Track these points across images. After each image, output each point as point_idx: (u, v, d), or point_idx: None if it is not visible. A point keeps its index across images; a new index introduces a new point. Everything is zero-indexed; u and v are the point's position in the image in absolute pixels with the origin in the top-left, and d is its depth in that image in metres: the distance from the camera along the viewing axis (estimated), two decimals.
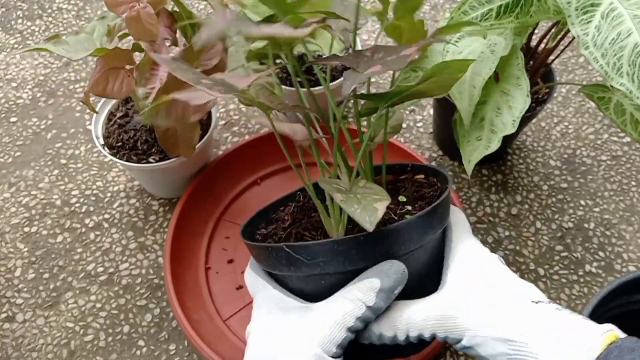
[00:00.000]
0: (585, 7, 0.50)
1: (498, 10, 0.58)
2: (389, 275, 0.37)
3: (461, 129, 0.64)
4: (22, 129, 0.91)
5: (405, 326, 0.39)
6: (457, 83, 0.62)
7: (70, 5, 1.12)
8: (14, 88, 0.97)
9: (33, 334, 0.69)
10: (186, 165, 0.74)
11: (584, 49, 0.50)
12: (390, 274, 0.37)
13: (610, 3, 0.50)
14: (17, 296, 0.72)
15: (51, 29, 1.08)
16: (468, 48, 0.64)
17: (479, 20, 0.58)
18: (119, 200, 0.81)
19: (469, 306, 0.37)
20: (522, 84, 0.62)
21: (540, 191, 0.81)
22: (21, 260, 0.75)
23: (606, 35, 0.49)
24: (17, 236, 0.78)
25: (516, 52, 0.64)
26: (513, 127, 0.61)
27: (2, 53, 1.03)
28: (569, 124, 0.90)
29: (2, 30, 1.08)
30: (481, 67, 0.61)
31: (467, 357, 0.66)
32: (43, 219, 0.79)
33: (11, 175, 0.85)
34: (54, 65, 1.00)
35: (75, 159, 0.87)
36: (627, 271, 0.74)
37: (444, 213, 0.46)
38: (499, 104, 0.63)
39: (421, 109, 0.93)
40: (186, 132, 0.69)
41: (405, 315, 0.39)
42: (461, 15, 0.58)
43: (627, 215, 0.79)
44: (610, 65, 0.49)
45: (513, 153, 0.86)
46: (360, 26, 0.46)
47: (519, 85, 0.62)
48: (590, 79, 0.97)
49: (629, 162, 0.85)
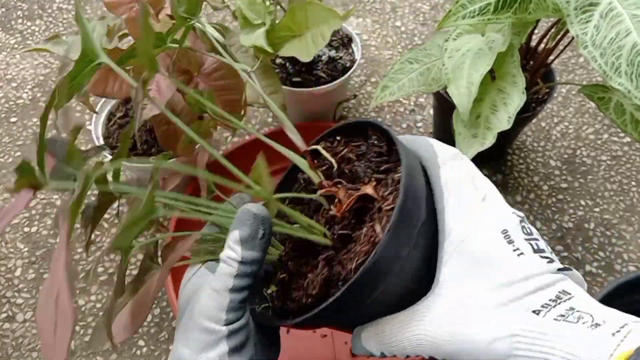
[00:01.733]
0: (584, 7, 0.50)
1: (496, 5, 0.58)
2: (243, 222, 0.34)
3: (459, 126, 0.64)
4: (22, 129, 0.91)
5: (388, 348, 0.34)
6: (454, 80, 0.63)
7: (70, 5, 1.12)
8: (14, 88, 0.97)
9: (33, 334, 0.69)
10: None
11: (583, 49, 0.50)
12: (244, 220, 0.34)
13: (609, 3, 0.50)
14: (17, 296, 0.72)
15: (51, 29, 1.08)
16: (467, 45, 0.64)
17: (476, 13, 0.58)
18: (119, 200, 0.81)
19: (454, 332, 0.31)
20: (517, 82, 0.62)
21: (540, 191, 0.81)
22: (21, 260, 0.75)
23: (605, 35, 0.49)
24: (17, 236, 0.78)
25: (512, 50, 0.64)
26: (508, 123, 0.61)
27: (2, 53, 1.03)
28: (569, 124, 0.90)
29: (2, 30, 1.08)
30: (479, 63, 0.62)
31: None
32: (43, 219, 0.80)
33: (11, 175, 0.85)
34: (54, 65, 1.01)
35: None
36: (627, 271, 0.74)
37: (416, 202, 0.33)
38: (495, 101, 0.63)
39: (421, 109, 0.93)
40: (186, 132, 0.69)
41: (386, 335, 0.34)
42: (459, 9, 0.58)
43: (627, 215, 0.78)
44: (609, 64, 0.49)
45: (513, 153, 0.86)
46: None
47: (515, 82, 0.62)
48: (590, 79, 0.97)
49: (629, 162, 0.85)
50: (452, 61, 0.63)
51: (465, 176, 0.34)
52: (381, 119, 0.91)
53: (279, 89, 0.71)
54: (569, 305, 0.29)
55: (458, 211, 0.33)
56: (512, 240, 0.31)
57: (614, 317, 0.29)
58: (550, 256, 0.32)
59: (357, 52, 0.85)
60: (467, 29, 0.66)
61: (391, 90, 0.71)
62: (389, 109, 0.93)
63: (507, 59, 0.64)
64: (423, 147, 0.36)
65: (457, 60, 0.63)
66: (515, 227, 0.32)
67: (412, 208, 0.32)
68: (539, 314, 0.29)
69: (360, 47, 0.85)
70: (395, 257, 0.32)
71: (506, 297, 0.30)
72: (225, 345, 0.33)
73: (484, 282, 0.31)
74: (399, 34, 1.06)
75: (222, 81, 0.62)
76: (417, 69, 0.72)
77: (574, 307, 0.29)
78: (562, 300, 0.29)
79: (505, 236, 0.31)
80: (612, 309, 0.30)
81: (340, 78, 0.80)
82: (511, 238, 0.31)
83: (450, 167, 0.35)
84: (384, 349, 0.34)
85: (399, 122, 0.91)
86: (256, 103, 0.71)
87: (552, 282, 0.30)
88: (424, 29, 1.06)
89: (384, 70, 0.99)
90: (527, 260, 0.31)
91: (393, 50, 1.03)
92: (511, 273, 0.30)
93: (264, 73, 0.72)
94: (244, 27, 0.73)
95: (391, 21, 1.08)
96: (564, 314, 0.29)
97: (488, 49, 0.62)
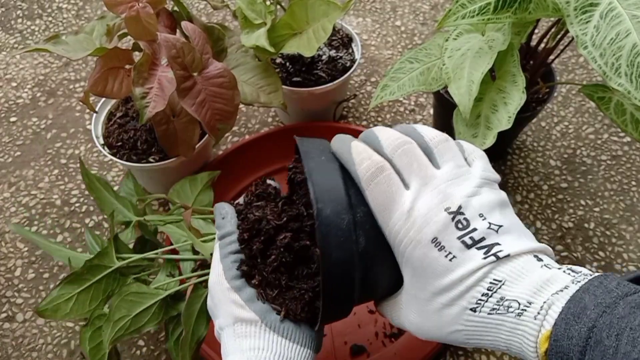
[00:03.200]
0: (584, 7, 0.50)
1: (496, 4, 0.57)
2: (216, 215, 0.44)
3: (459, 125, 0.64)
4: (22, 129, 0.91)
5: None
6: (455, 79, 0.63)
7: (70, 5, 1.12)
8: (14, 88, 0.97)
9: (33, 334, 0.69)
10: (186, 165, 0.74)
11: (583, 49, 0.50)
12: (215, 213, 0.44)
13: (609, 3, 0.50)
14: (17, 296, 0.72)
15: (51, 28, 1.08)
16: (467, 44, 0.64)
17: (476, 13, 0.58)
18: None
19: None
20: (517, 81, 0.62)
21: (540, 191, 0.81)
22: (21, 260, 0.75)
23: (605, 35, 0.49)
24: (17, 236, 0.78)
25: (512, 50, 0.64)
26: (509, 123, 0.61)
27: (2, 53, 1.03)
28: (569, 124, 0.90)
29: (2, 29, 1.08)
30: (479, 62, 0.61)
31: (467, 357, 0.66)
32: (43, 219, 0.80)
33: (11, 175, 0.85)
34: (54, 65, 1.01)
35: (75, 158, 0.87)
36: (627, 271, 0.74)
37: (338, 215, 0.35)
38: (495, 101, 0.63)
39: (421, 108, 0.93)
40: (186, 132, 0.69)
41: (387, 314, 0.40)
42: (459, 8, 0.58)
43: (627, 215, 0.78)
44: (609, 65, 0.49)
45: (513, 153, 0.86)
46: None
47: (515, 82, 0.62)
48: (590, 79, 0.97)
49: (629, 162, 0.85)
50: (453, 60, 0.63)
51: (390, 191, 0.35)
52: (381, 119, 0.91)
53: (279, 88, 0.72)
54: (499, 296, 0.32)
55: (390, 229, 0.35)
56: (442, 247, 0.33)
57: (538, 294, 0.31)
58: (490, 241, 0.33)
59: (357, 51, 0.85)
60: (467, 29, 0.66)
61: (391, 90, 0.71)
62: (389, 109, 0.93)
63: (508, 58, 0.64)
64: (348, 165, 0.37)
65: (457, 60, 0.63)
66: (446, 229, 0.33)
67: (340, 256, 0.35)
68: (476, 311, 0.33)
69: (360, 47, 0.85)
70: (344, 261, 0.35)
71: (446, 299, 0.33)
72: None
73: (427, 288, 0.34)
74: (399, 33, 1.06)
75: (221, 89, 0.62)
76: (417, 68, 0.71)
77: (504, 295, 0.32)
78: (493, 292, 0.32)
79: (435, 244, 0.33)
80: (539, 272, 0.32)
81: (340, 78, 0.80)
82: (442, 244, 0.33)
83: (373, 187, 0.36)
84: (391, 320, 0.40)
85: (399, 122, 0.91)
86: (256, 103, 0.71)
87: (483, 275, 0.32)
88: (423, 29, 1.06)
89: (383, 70, 0.99)
90: (459, 261, 0.33)
91: (393, 50, 1.03)
92: (446, 278, 0.33)
93: (264, 72, 0.72)
94: (245, 27, 0.73)
95: (391, 21, 1.08)
96: (496, 307, 0.32)
97: (488, 48, 0.62)
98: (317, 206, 0.34)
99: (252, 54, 0.73)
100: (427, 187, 0.34)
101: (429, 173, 0.35)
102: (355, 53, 0.85)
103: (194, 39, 0.62)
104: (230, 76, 0.63)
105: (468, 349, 0.66)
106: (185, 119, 0.68)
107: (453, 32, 0.66)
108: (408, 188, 0.35)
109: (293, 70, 0.82)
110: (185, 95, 0.60)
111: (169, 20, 0.68)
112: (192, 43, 0.61)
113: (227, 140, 0.89)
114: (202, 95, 0.61)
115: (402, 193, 0.35)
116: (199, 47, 0.62)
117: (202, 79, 0.61)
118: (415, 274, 0.35)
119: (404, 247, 0.34)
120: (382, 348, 0.65)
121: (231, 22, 1.07)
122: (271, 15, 0.71)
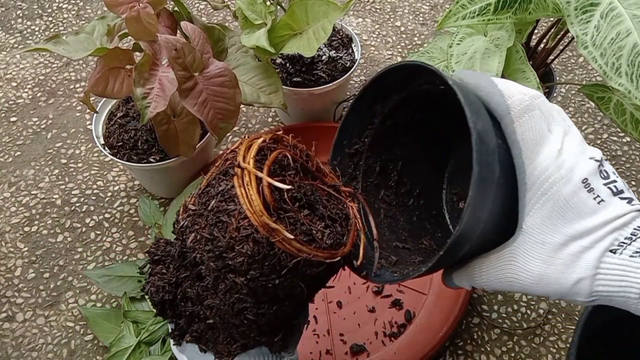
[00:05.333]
0: (584, 7, 0.50)
1: (496, 5, 0.57)
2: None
3: None
4: (23, 129, 0.91)
5: (479, 284, 0.39)
6: None
7: (70, 5, 1.12)
8: (14, 88, 0.97)
9: (33, 334, 0.69)
10: (186, 165, 0.75)
11: (583, 49, 0.50)
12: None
13: (610, 3, 0.50)
14: (17, 296, 0.72)
15: (51, 28, 1.08)
16: (472, 47, 0.64)
17: (476, 14, 0.58)
18: (120, 200, 0.81)
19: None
20: (529, 77, 0.61)
21: None
22: (21, 260, 0.75)
23: (605, 35, 0.49)
24: (17, 236, 0.78)
25: (515, 47, 0.63)
26: None
27: (2, 53, 1.03)
28: None
29: (2, 29, 1.08)
30: (490, 62, 0.61)
31: (467, 357, 0.66)
32: (43, 219, 0.80)
33: (11, 174, 0.85)
34: (54, 65, 1.01)
35: (76, 158, 0.87)
36: None
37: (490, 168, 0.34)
38: None
39: None
40: (186, 132, 0.69)
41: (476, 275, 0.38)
42: (459, 9, 0.58)
43: None
44: (609, 65, 0.49)
45: None
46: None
47: (527, 78, 0.62)
48: (590, 79, 0.97)
49: (629, 161, 0.85)
50: (461, 65, 0.62)
51: (541, 129, 0.36)
52: None
53: (279, 89, 0.72)
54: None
55: (537, 165, 0.35)
56: (592, 189, 0.34)
57: None
58: (629, 195, 0.35)
59: (357, 52, 0.85)
60: (468, 32, 0.66)
61: None
62: None
63: (513, 57, 0.63)
64: (491, 96, 0.37)
65: (466, 64, 0.62)
66: (594, 174, 0.34)
67: (487, 176, 0.34)
68: (616, 253, 0.33)
69: (360, 47, 0.86)
70: (477, 222, 0.35)
71: (587, 241, 0.33)
72: None
73: (567, 230, 0.34)
74: (399, 34, 1.06)
75: (222, 88, 0.62)
76: None
77: None
78: (637, 236, 0.33)
79: (585, 185, 0.34)
80: None
81: (340, 78, 0.80)
82: (591, 186, 0.34)
83: (526, 120, 0.36)
84: (475, 284, 0.39)
85: None
86: (256, 103, 0.71)
87: (628, 220, 0.34)
88: (423, 29, 1.06)
89: None
90: (606, 205, 0.34)
91: (393, 50, 1.03)
92: (591, 220, 0.34)
93: (264, 73, 0.72)
94: (245, 27, 0.73)
95: (391, 21, 1.08)
96: (638, 250, 0.33)
97: (495, 47, 0.62)
98: (472, 119, 0.33)
99: (253, 55, 0.73)
100: (568, 137, 0.35)
101: (568, 124, 0.36)
102: (355, 53, 0.86)
103: (194, 39, 0.62)
104: (231, 75, 0.63)
105: (468, 349, 0.66)
106: (186, 119, 0.68)
107: (455, 37, 0.65)
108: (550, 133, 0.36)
109: (293, 70, 0.82)
110: (187, 96, 0.60)
111: (170, 20, 0.68)
112: (193, 43, 0.61)
113: (228, 140, 0.89)
114: (204, 95, 0.61)
115: (551, 132, 0.35)
116: (199, 47, 0.62)
117: (203, 78, 0.61)
118: (553, 215, 0.34)
119: (550, 184, 0.34)
120: (381, 347, 0.65)
121: (231, 23, 1.07)
122: (271, 16, 0.71)
